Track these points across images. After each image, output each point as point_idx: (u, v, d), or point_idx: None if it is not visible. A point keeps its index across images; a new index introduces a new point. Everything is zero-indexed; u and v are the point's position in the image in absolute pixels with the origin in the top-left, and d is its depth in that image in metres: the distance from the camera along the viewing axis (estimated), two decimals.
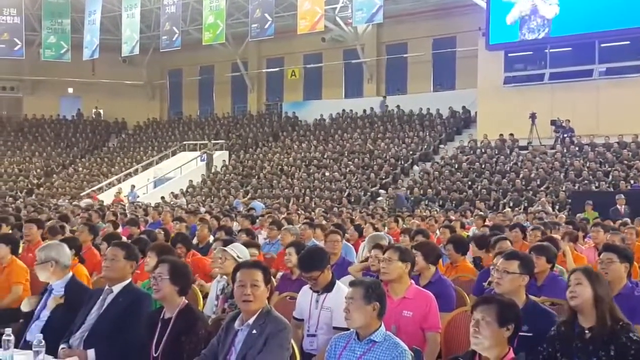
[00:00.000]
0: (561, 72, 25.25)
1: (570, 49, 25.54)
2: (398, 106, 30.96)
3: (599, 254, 5.32)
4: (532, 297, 4.38)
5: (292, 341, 4.00)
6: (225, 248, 5.46)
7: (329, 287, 5.00)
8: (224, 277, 5.59)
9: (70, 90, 39.46)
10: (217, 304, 5.51)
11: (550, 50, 25.55)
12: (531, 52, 26.52)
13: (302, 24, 27.81)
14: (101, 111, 39.59)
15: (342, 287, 5.04)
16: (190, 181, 29.47)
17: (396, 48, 32.54)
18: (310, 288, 5.08)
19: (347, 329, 4.40)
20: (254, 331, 3.85)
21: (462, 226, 10.76)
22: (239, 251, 5.39)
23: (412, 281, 4.94)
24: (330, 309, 4.90)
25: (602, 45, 24.52)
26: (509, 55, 26.45)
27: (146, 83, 39.51)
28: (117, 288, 4.63)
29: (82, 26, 33.21)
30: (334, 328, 4.74)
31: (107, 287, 4.68)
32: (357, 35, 32.14)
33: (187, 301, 4.30)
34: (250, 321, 3.89)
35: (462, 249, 7.04)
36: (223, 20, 29.52)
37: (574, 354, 3.68)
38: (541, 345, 3.80)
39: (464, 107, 28.85)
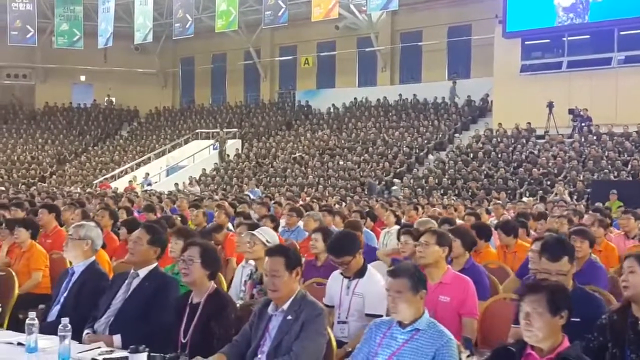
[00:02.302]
0: (579, 60, 24.85)
1: (588, 36, 25.17)
2: (415, 95, 30.71)
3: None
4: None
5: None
6: (254, 232, 5.25)
7: (360, 273, 4.85)
8: (250, 262, 5.42)
9: (83, 78, 39.44)
10: (245, 289, 5.34)
11: (568, 38, 25.17)
12: (548, 40, 26.10)
13: (316, 11, 27.60)
14: (113, 99, 39.49)
15: (374, 273, 4.90)
16: (203, 169, 29.41)
17: (411, 36, 32.21)
18: (341, 274, 4.91)
19: (380, 316, 4.23)
20: (289, 317, 3.71)
21: (488, 212, 10.55)
22: (268, 236, 5.19)
23: (449, 266, 4.76)
24: (362, 295, 4.75)
25: (621, 33, 24.14)
26: (526, 43, 26.07)
27: (159, 71, 39.39)
28: (143, 272, 4.50)
29: (94, 13, 33.12)
30: (366, 315, 4.59)
31: (132, 270, 4.54)
32: (372, 23, 31.83)
33: (215, 285, 4.16)
34: (285, 306, 3.75)
35: (485, 235, 6.86)
36: (236, 7, 29.32)
37: (625, 345, 3.41)
38: (591, 333, 3.54)
39: (487, 95, 28.28)
